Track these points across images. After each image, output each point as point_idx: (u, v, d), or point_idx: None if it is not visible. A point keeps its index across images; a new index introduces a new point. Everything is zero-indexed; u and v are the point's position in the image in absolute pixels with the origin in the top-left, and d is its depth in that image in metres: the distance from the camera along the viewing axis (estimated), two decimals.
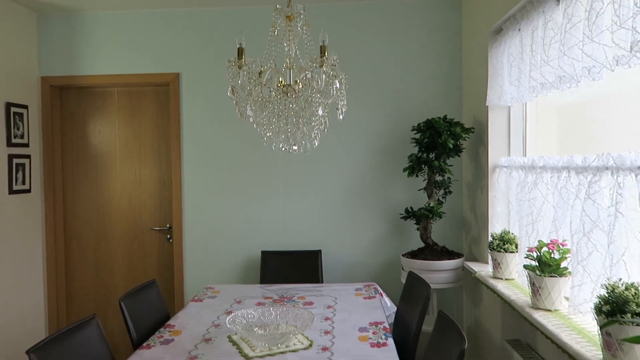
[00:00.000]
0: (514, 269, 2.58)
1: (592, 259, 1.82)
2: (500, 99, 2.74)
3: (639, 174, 1.56)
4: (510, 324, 2.58)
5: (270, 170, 3.61)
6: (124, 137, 3.75)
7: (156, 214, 3.75)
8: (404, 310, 2.63)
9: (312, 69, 1.97)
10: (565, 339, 1.74)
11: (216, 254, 3.65)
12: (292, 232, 3.62)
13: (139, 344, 2.36)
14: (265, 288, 3.07)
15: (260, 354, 2.01)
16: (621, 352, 1.45)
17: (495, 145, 2.98)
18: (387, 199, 3.59)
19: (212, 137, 3.62)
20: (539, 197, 2.31)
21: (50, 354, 1.78)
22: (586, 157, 1.90)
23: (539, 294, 2.07)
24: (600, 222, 1.77)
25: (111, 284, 3.78)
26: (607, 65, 1.70)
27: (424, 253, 3.19)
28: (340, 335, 2.21)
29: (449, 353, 1.72)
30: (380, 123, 3.57)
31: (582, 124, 2.57)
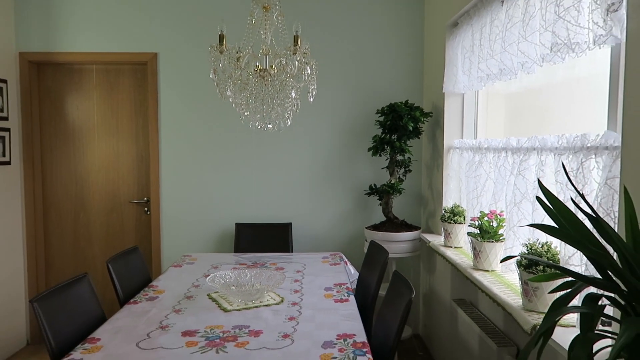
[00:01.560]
0: (462, 238, 2.92)
1: (520, 225, 2.16)
2: (455, 86, 3.05)
3: (556, 154, 1.88)
4: (457, 286, 2.93)
5: (244, 148, 3.84)
6: (102, 113, 3.89)
7: (134, 187, 3.93)
8: (365, 274, 2.93)
9: (287, 55, 2.21)
10: (496, 291, 2.08)
11: (192, 226, 3.87)
12: (264, 206, 3.88)
13: (125, 302, 2.59)
14: (239, 256, 3.33)
15: (237, 308, 2.28)
16: (535, 296, 1.79)
17: (450, 129, 3.30)
18: (353, 176, 3.88)
19: (188, 115, 3.82)
20: (483, 174, 2.64)
21: (49, 304, 2.00)
22: (519, 140, 2.23)
23: (479, 257, 2.41)
24: (527, 193, 2.10)
25: (89, 253, 3.96)
26: (537, 62, 2.01)
27: (385, 226, 3.51)
28: (308, 293, 2.50)
29: (400, 302, 2.04)
30: (347, 106, 3.84)
31: (525, 110, 2.91)
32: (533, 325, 1.70)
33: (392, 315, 2.11)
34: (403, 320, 1.96)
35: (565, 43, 1.73)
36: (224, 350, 1.82)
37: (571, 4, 1.70)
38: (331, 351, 1.81)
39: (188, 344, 1.88)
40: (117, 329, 2.03)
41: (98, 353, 1.80)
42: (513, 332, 2.17)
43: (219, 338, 1.93)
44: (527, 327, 1.73)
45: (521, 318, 1.79)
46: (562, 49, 1.76)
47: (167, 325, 2.07)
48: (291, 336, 1.95)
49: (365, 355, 1.77)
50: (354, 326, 2.06)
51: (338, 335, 1.95)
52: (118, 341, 1.91)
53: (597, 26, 1.58)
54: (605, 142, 1.59)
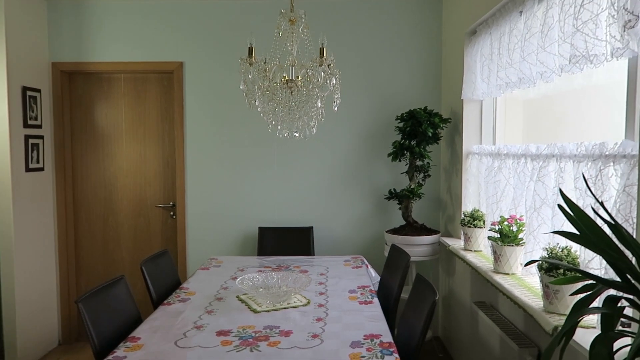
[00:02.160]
0: (482, 242, 2.99)
1: (540, 230, 2.23)
2: (473, 93, 3.12)
3: (575, 161, 1.95)
4: (477, 289, 3.00)
5: (266, 153, 3.96)
6: (130, 120, 4.04)
7: (160, 192, 4.07)
8: (387, 277, 3.02)
9: (313, 67, 2.31)
10: (517, 294, 2.15)
11: (216, 230, 3.99)
12: (286, 210, 3.98)
13: (158, 303, 2.71)
14: (263, 259, 3.44)
15: (266, 309, 2.38)
16: (555, 299, 1.86)
17: (469, 134, 3.37)
18: (372, 180, 3.97)
19: (212, 122, 3.94)
20: (502, 179, 2.71)
21: (92, 305, 2.13)
22: (539, 147, 2.29)
23: (499, 260, 2.48)
24: (547, 199, 2.17)
25: (117, 256, 4.10)
26: (555, 71, 2.08)
27: (405, 230, 3.59)
28: (333, 296, 2.60)
29: (424, 304, 2.12)
30: (366, 112, 3.93)
31: (543, 116, 2.98)
32: (554, 327, 1.77)
33: (416, 316, 2.19)
34: (427, 322, 2.04)
35: (584, 55, 1.80)
36: (258, 349, 1.92)
37: (589, 18, 1.77)
38: (359, 350, 1.89)
39: (223, 343, 1.99)
40: (154, 329, 2.14)
41: (139, 351, 1.91)
42: (534, 334, 2.23)
43: (252, 338, 2.03)
44: (548, 328, 1.80)
45: (542, 319, 1.86)
46: (581, 61, 1.83)
47: (202, 325, 2.18)
48: (320, 336, 2.05)
49: (392, 355, 1.85)
50: (379, 327, 2.15)
51: (365, 336, 2.04)
52: (157, 340, 2.02)
53: (614, 39, 1.65)
54: (624, 151, 1.66)
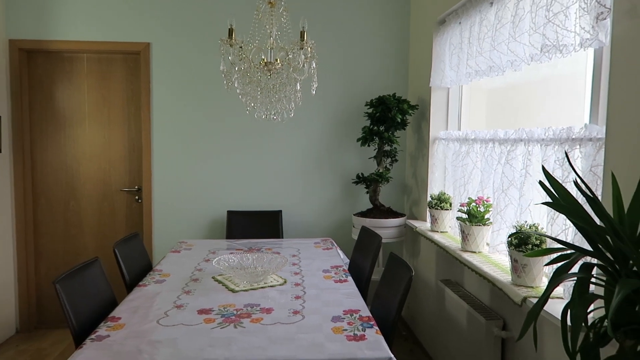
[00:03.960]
0: (448, 223, 3.13)
1: (507, 210, 2.37)
2: (442, 81, 3.24)
3: (542, 144, 2.08)
4: (443, 268, 3.14)
5: (235, 137, 3.94)
6: (93, 102, 3.91)
7: (125, 175, 3.98)
8: (358, 259, 3.10)
9: (294, 50, 2.34)
10: (486, 270, 2.28)
11: (183, 214, 3.96)
12: (255, 194, 3.99)
13: (131, 285, 2.69)
14: (234, 242, 3.45)
15: (244, 289, 2.41)
16: (523, 272, 2.00)
17: (436, 121, 3.49)
18: (340, 165, 4.04)
19: (181, 104, 3.88)
20: (470, 163, 2.84)
21: (69, 285, 2.09)
22: (507, 132, 2.42)
23: (467, 239, 2.61)
24: (515, 181, 2.31)
25: (80, 241, 3.99)
26: (525, 60, 2.21)
27: (372, 213, 3.69)
28: (308, 275, 2.66)
29: (400, 280, 2.21)
30: (336, 98, 3.99)
31: (505, 104, 3.13)
32: (523, 297, 1.90)
33: (391, 293, 2.29)
34: (403, 298, 2.13)
35: (554, 45, 1.93)
36: (242, 325, 1.96)
37: (560, 10, 1.89)
38: (341, 324, 1.96)
39: (206, 320, 2.00)
40: (134, 309, 2.13)
41: (122, 330, 1.90)
42: (499, 307, 2.38)
43: (234, 315, 2.06)
44: (517, 299, 1.93)
45: (512, 292, 1.99)
46: (551, 50, 1.95)
47: (182, 305, 2.18)
48: (301, 312, 2.10)
49: (372, 328, 1.93)
50: (357, 303, 2.22)
51: (344, 311, 2.12)
52: (138, 319, 2.01)
53: (584, 31, 1.78)
54: (589, 134, 1.79)
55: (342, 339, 1.82)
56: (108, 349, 1.74)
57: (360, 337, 1.84)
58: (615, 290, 1.22)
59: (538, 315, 1.29)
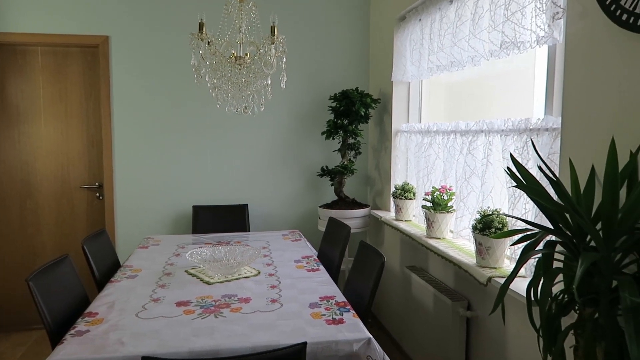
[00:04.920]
0: (412, 212, 3.26)
1: (470, 197, 2.52)
2: (403, 76, 3.36)
3: (502, 135, 2.23)
4: (408, 255, 3.27)
5: (199, 131, 3.93)
6: (49, 97, 3.79)
7: (85, 172, 3.88)
8: (326, 249, 3.18)
9: (265, 45, 2.38)
10: (452, 254, 2.41)
11: (148, 210, 3.91)
12: (220, 189, 4.00)
13: (101, 282, 2.66)
14: (202, 237, 3.45)
15: (219, 280, 2.44)
16: (487, 255, 2.14)
17: (397, 114, 3.61)
18: (305, 158, 4.11)
19: (143, 100, 3.83)
20: (433, 154, 2.98)
21: (42, 283, 2.06)
22: (468, 123, 2.57)
23: (432, 226, 2.74)
24: (476, 169, 2.45)
25: (38, 240, 3.86)
26: (485, 56, 2.34)
27: (338, 204, 3.78)
28: (281, 266, 2.71)
29: (372, 267, 2.31)
30: (300, 92, 4.04)
31: (464, 97, 3.29)
32: (488, 277, 2.04)
33: (364, 279, 2.38)
34: (376, 283, 2.23)
35: (512, 41, 2.07)
36: (222, 315, 1.99)
37: (517, 9, 2.04)
38: (319, 310, 2.04)
39: (186, 312, 2.03)
40: (110, 304, 2.12)
41: (102, 325, 1.90)
42: (463, 289, 2.52)
43: (213, 306, 2.09)
44: (482, 279, 2.07)
45: (477, 273, 2.13)
46: (509, 47, 2.09)
47: (159, 298, 2.19)
48: (278, 301, 2.16)
49: (349, 312, 2.02)
50: (332, 290, 2.31)
51: (320, 298, 2.19)
52: (116, 314, 2.01)
53: (539, 29, 1.92)
54: (546, 125, 1.94)
55: (322, 323, 1.90)
56: (90, 343, 1.74)
57: (339, 320, 1.92)
58: (575, 264, 1.35)
59: (507, 288, 1.41)
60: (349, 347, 1.75)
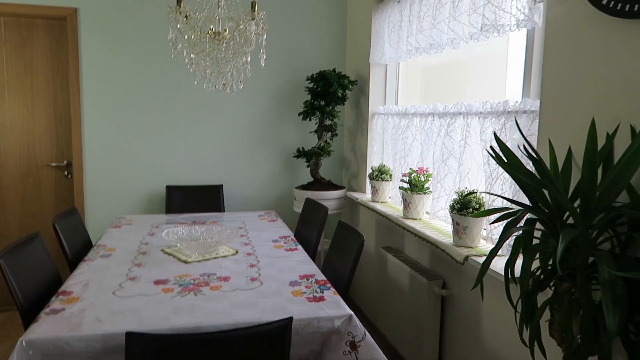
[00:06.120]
0: (388, 194, 3.29)
1: (447, 178, 2.56)
2: (381, 58, 3.36)
3: (480, 117, 2.27)
4: (383, 236, 3.31)
5: (174, 109, 3.84)
6: (13, 71, 3.62)
7: (52, 150, 3.75)
8: (303, 230, 3.19)
9: (245, 21, 2.33)
10: (429, 234, 2.46)
11: (119, 190, 3.82)
12: (194, 169, 3.94)
13: (73, 261, 2.59)
14: (176, 217, 3.40)
15: (197, 259, 2.41)
16: (464, 234, 2.19)
17: (375, 96, 3.62)
18: (280, 139, 4.08)
19: (114, 75, 3.71)
20: (410, 136, 3.01)
21: (12, 261, 1.99)
22: (446, 106, 2.59)
23: (409, 207, 2.78)
24: (454, 151, 2.49)
25: (2, 220, 3.72)
26: (464, 39, 2.37)
27: (314, 186, 3.78)
28: (258, 245, 2.70)
29: (350, 246, 2.33)
30: (277, 72, 4.00)
31: (439, 80, 3.33)
32: (465, 256, 2.09)
33: (342, 259, 2.40)
34: (355, 262, 2.26)
35: (493, 24, 2.09)
36: (202, 293, 1.98)
37: None
38: (299, 288, 2.05)
39: (164, 290, 2.00)
40: (84, 282, 2.07)
41: (78, 303, 1.85)
42: (438, 268, 2.58)
43: (192, 284, 2.07)
44: (460, 258, 2.12)
45: (454, 252, 2.17)
46: (490, 29, 2.12)
47: (135, 277, 2.15)
48: (258, 279, 2.16)
49: (330, 289, 2.04)
50: (311, 268, 2.32)
51: (300, 276, 2.20)
52: (91, 292, 1.97)
53: (520, 12, 1.95)
54: (524, 107, 1.99)
55: (303, 301, 1.91)
56: (66, 321, 1.70)
57: (319, 298, 1.94)
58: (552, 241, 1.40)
59: (489, 265, 1.44)
60: (330, 323, 1.77)
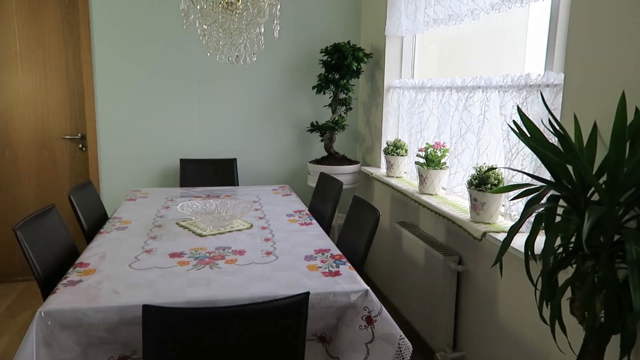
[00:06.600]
0: (403, 169, 3.26)
1: (464, 153, 2.51)
2: (398, 30, 3.27)
3: (500, 91, 2.20)
4: (398, 211, 3.29)
5: (187, 82, 3.80)
6: (25, 42, 3.60)
7: (66, 122, 3.75)
8: (317, 205, 3.17)
9: None
10: (445, 209, 2.43)
11: (133, 163, 3.82)
12: (208, 142, 3.92)
13: (89, 233, 2.61)
14: (190, 190, 3.40)
15: (212, 233, 2.42)
16: (482, 210, 2.15)
17: (390, 70, 3.55)
18: (294, 113, 4.04)
19: (127, 48, 3.67)
20: (427, 110, 2.95)
21: (30, 232, 2.01)
22: (464, 79, 2.53)
23: (425, 183, 2.74)
24: (472, 126, 2.44)
25: (19, 192, 3.76)
26: (485, 10, 2.28)
27: (327, 160, 3.75)
28: (273, 219, 2.70)
29: (367, 221, 2.31)
30: (290, 45, 3.93)
31: (456, 54, 3.24)
32: (483, 233, 2.06)
33: (357, 234, 2.39)
34: (371, 237, 2.24)
35: None
36: (217, 266, 1.98)
37: None
38: (314, 262, 2.04)
39: (180, 263, 2.01)
40: (101, 255, 2.09)
41: (95, 275, 1.87)
42: (454, 244, 2.56)
43: (207, 257, 2.08)
44: (477, 234, 2.09)
45: (471, 228, 2.15)
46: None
47: (151, 250, 2.16)
48: (273, 253, 2.15)
49: (345, 264, 2.03)
50: (326, 243, 2.30)
51: (315, 251, 2.19)
52: (108, 264, 1.98)
53: None
54: (547, 81, 1.92)
55: (319, 275, 1.90)
56: (84, 293, 1.71)
57: (335, 273, 1.93)
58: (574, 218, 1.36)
59: (510, 242, 1.42)
60: (346, 298, 1.77)
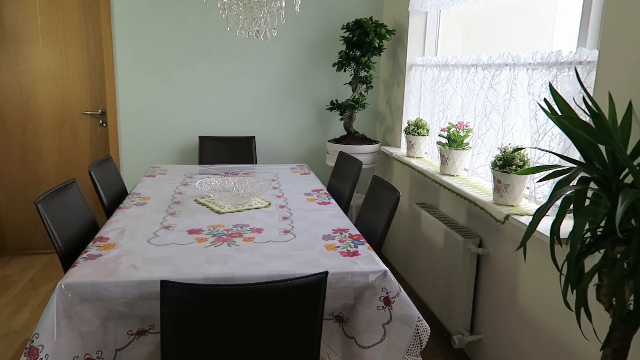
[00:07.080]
0: (424, 149, 3.19)
1: (488, 134, 2.44)
2: (422, 5, 3.17)
3: (529, 69, 2.12)
4: (418, 192, 3.24)
5: (206, 58, 3.77)
6: (46, 17, 3.60)
7: (87, 98, 3.76)
8: (336, 184, 3.14)
9: None
10: (467, 191, 2.37)
11: (152, 139, 3.83)
12: (227, 120, 3.90)
13: (109, 208, 2.63)
14: (209, 167, 3.40)
15: (230, 210, 2.41)
16: (505, 192, 2.10)
17: (413, 47, 3.46)
18: (313, 91, 3.98)
19: (147, 23, 3.64)
20: (450, 89, 2.87)
21: (50, 206, 2.02)
22: (490, 57, 2.44)
23: (446, 163, 2.69)
24: (498, 105, 2.36)
25: (40, 167, 3.81)
26: None
27: (347, 139, 3.70)
28: (291, 198, 2.68)
29: (386, 201, 2.27)
30: (310, 21, 3.85)
31: (481, 30, 3.14)
32: (506, 215, 2.01)
33: (376, 214, 2.35)
34: (390, 217, 2.20)
35: None
36: (235, 244, 1.97)
37: None
38: (332, 242, 2.02)
39: (198, 240, 2.01)
40: (120, 230, 2.09)
41: (114, 250, 1.88)
42: (475, 226, 2.51)
43: (225, 235, 2.07)
44: (500, 217, 2.04)
45: (494, 210, 2.09)
46: None
47: (170, 226, 2.16)
48: (291, 232, 2.14)
49: (364, 244, 2.00)
50: (344, 223, 2.28)
51: (333, 230, 2.17)
52: (127, 239, 1.99)
53: None
54: (580, 58, 1.83)
55: (337, 254, 1.88)
56: (103, 266, 1.72)
57: (353, 253, 1.90)
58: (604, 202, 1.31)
59: (537, 225, 1.37)
60: (364, 278, 1.74)
